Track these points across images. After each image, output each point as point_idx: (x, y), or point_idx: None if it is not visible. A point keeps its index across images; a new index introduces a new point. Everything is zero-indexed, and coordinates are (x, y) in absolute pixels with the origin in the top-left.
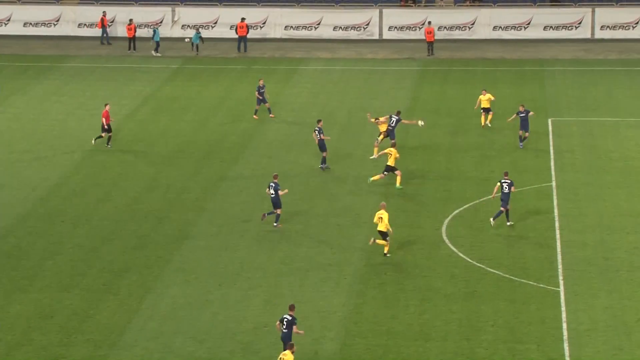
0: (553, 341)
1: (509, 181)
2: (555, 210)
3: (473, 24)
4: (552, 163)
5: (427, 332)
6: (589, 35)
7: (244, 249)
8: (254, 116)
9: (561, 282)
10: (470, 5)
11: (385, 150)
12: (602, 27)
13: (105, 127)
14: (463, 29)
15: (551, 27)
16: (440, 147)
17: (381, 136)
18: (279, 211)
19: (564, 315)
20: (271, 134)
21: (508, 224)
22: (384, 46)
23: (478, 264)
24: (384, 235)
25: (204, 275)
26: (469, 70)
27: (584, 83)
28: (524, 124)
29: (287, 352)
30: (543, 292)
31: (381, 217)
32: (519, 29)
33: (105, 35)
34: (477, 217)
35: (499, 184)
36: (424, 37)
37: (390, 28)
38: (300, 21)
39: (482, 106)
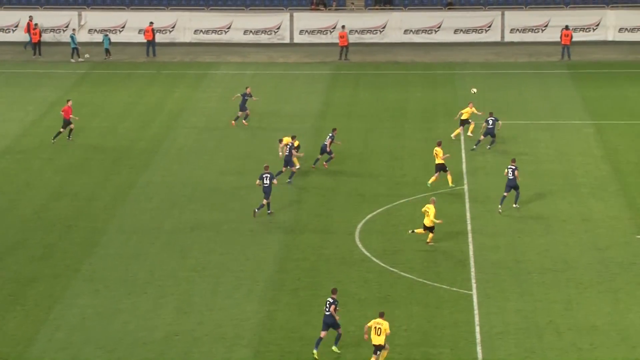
0: (466, 344)
1: (514, 167)
2: (467, 214)
3: (384, 27)
4: (464, 166)
5: (342, 337)
6: (499, 39)
7: (154, 257)
8: (233, 122)
9: (474, 286)
10: (381, 9)
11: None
12: (511, 31)
13: (67, 120)
14: (374, 32)
15: (461, 30)
16: (353, 151)
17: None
18: (264, 202)
19: (476, 318)
20: (181, 140)
21: (500, 208)
22: (295, 50)
23: (391, 269)
24: (428, 229)
25: (113, 284)
26: (380, 74)
27: (494, 86)
28: (490, 130)
29: (381, 320)
30: (456, 295)
31: (427, 211)
32: (429, 32)
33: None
34: (390, 221)
35: (506, 170)
36: (335, 41)
37: (301, 32)
38: (210, 25)
39: (462, 117)
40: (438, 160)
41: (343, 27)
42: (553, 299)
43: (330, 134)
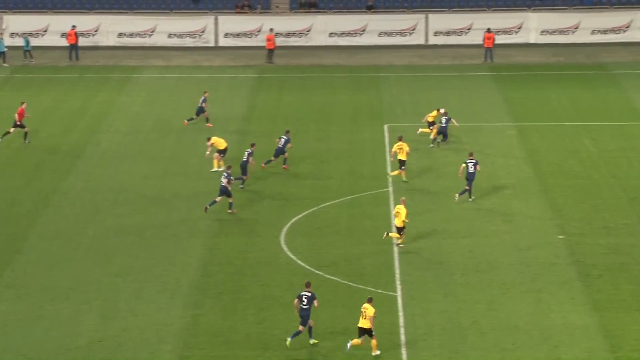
0: (391, 346)
1: (474, 161)
2: (392, 216)
3: (309, 30)
4: (388, 169)
5: (266, 341)
6: (423, 41)
7: (77, 263)
8: (208, 124)
9: (398, 287)
10: (306, 12)
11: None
12: (435, 33)
13: (18, 123)
14: (299, 35)
15: (386, 33)
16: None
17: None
18: (217, 198)
19: (401, 320)
20: (104, 144)
21: (456, 197)
22: (219, 53)
23: (316, 271)
24: (399, 229)
25: (35, 291)
26: (306, 77)
27: (418, 89)
28: (443, 129)
29: (368, 305)
30: (381, 297)
31: (398, 212)
32: (354, 35)
33: None
34: (315, 224)
35: (464, 164)
36: (260, 44)
37: (226, 35)
38: (134, 28)
39: (429, 120)
40: (401, 156)
41: (271, 30)
42: (476, 300)
43: (285, 137)
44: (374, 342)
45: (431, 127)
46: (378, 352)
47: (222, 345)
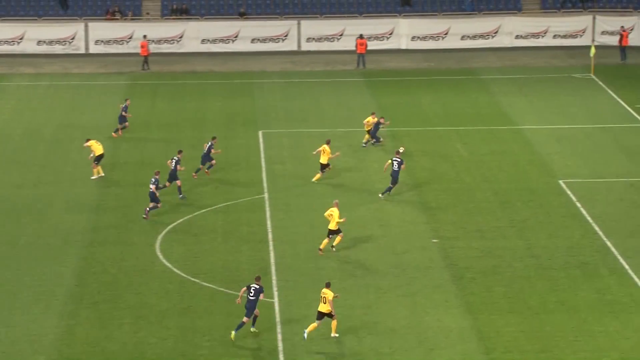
0: (268, 353)
1: (399, 160)
2: (268, 222)
3: (181, 37)
4: (264, 175)
5: (143, 350)
6: (295, 48)
7: None
8: (115, 133)
9: (275, 293)
10: (178, 19)
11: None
12: (308, 40)
13: None
14: (171, 42)
15: (258, 39)
16: (153, 162)
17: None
18: (159, 205)
19: (278, 326)
20: None
21: (381, 196)
22: (90, 60)
23: (193, 279)
24: (334, 232)
25: None
26: (179, 84)
27: (292, 95)
28: (374, 131)
29: (326, 290)
30: (258, 304)
31: (331, 215)
32: (226, 42)
33: None
34: (191, 231)
35: (389, 161)
36: (131, 51)
37: (97, 42)
38: (2, 36)
39: (367, 128)
40: (323, 159)
41: (144, 36)
42: (353, 304)
43: (210, 142)
44: (334, 323)
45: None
46: (337, 335)
47: (98, 355)
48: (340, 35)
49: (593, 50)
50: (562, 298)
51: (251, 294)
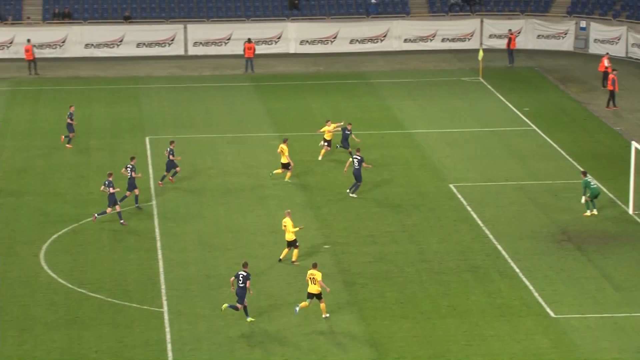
0: None
1: (359, 157)
2: (157, 230)
3: (64, 41)
4: (151, 182)
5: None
6: (182, 52)
7: None
8: (64, 142)
9: (164, 303)
10: (60, 23)
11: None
12: (195, 44)
13: None
14: (54, 47)
15: (144, 44)
16: (35, 169)
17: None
18: (116, 208)
19: (168, 336)
20: None
21: (352, 195)
22: None
23: (79, 289)
24: (291, 244)
25: None
26: (62, 90)
27: (179, 100)
28: (345, 139)
29: (314, 270)
30: (147, 313)
31: (285, 226)
32: (111, 46)
33: None
34: (76, 240)
35: (350, 159)
36: (12, 56)
37: None
38: None
39: (325, 137)
40: (283, 159)
41: (28, 40)
42: (244, 313)
43: (169, 148)
44: (323, 305)
45: (325, 144)
46: (327, 315)
47: None
48: (228, 39)
49: (481, 53)
50: (453, 302)
51: (240, 282)
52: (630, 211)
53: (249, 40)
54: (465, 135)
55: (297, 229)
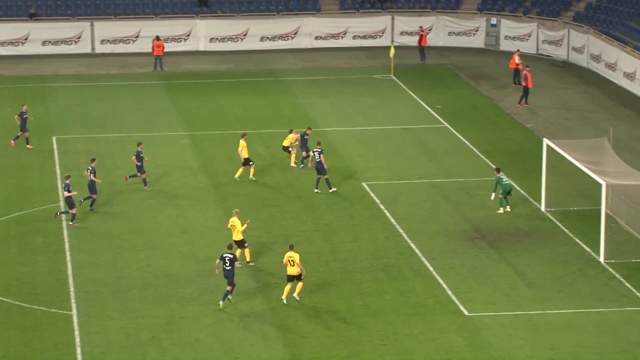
0: None
1: (320, 150)
2: (65, 231)
3: None
4: (59, 183)
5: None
6: (89, 50)
7: None
8: (29, 145)
9: (73, 306)
10: None
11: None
12: (102, 42)
13: None
14: None
15: (50, 42)
16: None
17: None
18: (74, 210)
19: (77, 339)
20: None
21: (331, 190)
22: None
23: None
24: (239, 243)
25: None
26: None
27: (87, 99)
28: (304, 144)
29: (292, 252)
30: (55, 317)
31: (233, 225)
32: (16, 44)
33: None
34: None
35: (312, 153)
36: None
37: None
38: None
39: (284, 144)
40: (244, 153)
41: None
42: (156, 315)
43: (137, 150)
44: (300, 284)
45: (291, 150)
46: (298, 299)
47: None
48: (136, 36)
49: (392, 50)
50: (367, 302)
51: (227, 264)
52: (543, 208)
53: (158, 38)
54: (378, 133)
55: (245, 226)
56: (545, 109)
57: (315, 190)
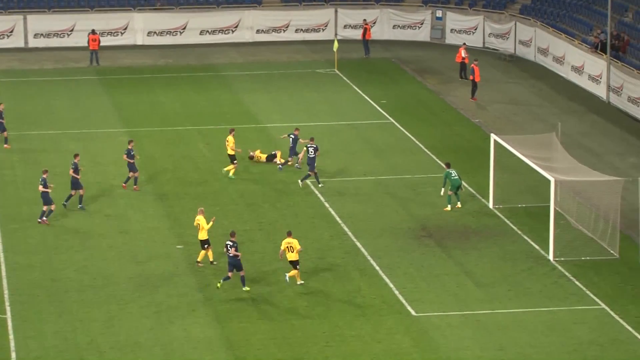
0: None
1: (315, 146)
2: None
3: None
4: None
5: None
6: (22, 44)
7: None
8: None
9: (8, 309)
10: None
11: None
12: (35, 35)
13: None
14: None
15: None
16: None
17: None
18: (45, 208)
19: (12, 343)
20: None
21: (320, 185)
22: None
23: None
24: (203, 243)
25: None
26: None
27: (21, 95)
28: (293, 147)
29: (290, 239)
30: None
31: (198, 224)
32: None
33: None
34: None
35: (305, 148)
36: None
37: None
38: None
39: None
40: (229, 150)
41: None
42: (93, 318)
43: (127, 148)
44: (297, 272)
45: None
46: (302, 282)
47: None
48: (71, 30)
49: (336, 44)
50: (312, 302)
51: (228, 252)
52: (491, 205)
53: (94, 32)
54: (322, 129)
55: (211, 224)
56: (493, 104)
57: (300, 182)
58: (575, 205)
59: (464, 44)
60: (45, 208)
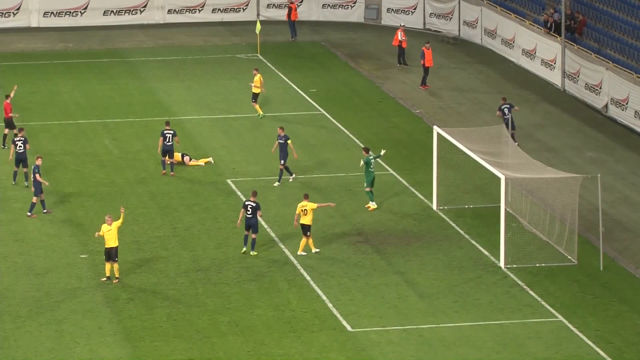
0: None
1: (286, 136)
2: None
3: None
4: None
5: None
6: None
7: None
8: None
9: None
10: None
11: None
12: None
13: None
14: None
15: None
16: None
17: None
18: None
19: None
20: None
21: (290, 179)
22: None
23: None
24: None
25: None
26: None
27: None
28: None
29: (306, 202)
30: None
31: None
32: None
33: None
34: None
35: (277, 142)
36: None
37: None
38: None
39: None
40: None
41: None
42: None
43: (169, 132)
44: (308, 240)
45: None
46: (318, 250)
47: None
48: None
49: (259, 26)
50: (235, 318)
51: (249, 212)
52: (434, 207)
53: None
54: (244, 121)
55: (122, 218)
56: (436, 92)
57: (277, 184)
58: (528, 206)
59: (402, 25)
60: (35, 199)
